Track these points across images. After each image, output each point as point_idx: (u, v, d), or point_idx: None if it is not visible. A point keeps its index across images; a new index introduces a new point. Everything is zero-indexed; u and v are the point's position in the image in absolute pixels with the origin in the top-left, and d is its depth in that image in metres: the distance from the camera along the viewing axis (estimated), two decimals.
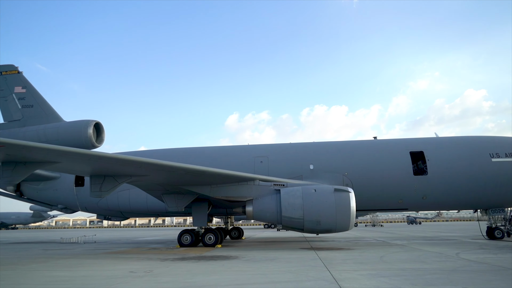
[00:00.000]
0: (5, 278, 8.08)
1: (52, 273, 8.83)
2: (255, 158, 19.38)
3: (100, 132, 22.13)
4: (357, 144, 19.90)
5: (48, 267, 9.99)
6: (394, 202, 18.62)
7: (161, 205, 19.23)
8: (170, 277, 7.85)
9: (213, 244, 16.39)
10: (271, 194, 15.22)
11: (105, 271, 8.90)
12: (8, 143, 9.53)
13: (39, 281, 7.52)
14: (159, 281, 7.37)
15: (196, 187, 15.50)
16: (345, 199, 14.42)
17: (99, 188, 13.58)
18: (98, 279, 7.67)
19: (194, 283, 7.04)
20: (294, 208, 14.38)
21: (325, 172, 18.57)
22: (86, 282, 7.28)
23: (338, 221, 14.28)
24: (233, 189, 15.53)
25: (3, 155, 10.66)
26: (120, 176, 13.56)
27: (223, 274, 8.23)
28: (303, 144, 20.86)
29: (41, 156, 10.76)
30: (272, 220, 15.04)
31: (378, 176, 18.18)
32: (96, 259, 11.98)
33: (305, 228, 14.55)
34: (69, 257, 12.77)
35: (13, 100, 23.75)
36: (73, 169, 12.73)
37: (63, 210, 22.04)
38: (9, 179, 11.44)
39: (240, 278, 7.60)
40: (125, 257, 12.30)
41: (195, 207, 17.08)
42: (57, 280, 7.61)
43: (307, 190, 14.71)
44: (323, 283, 6.78)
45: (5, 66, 24.29)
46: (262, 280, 7.30)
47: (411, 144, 19.05)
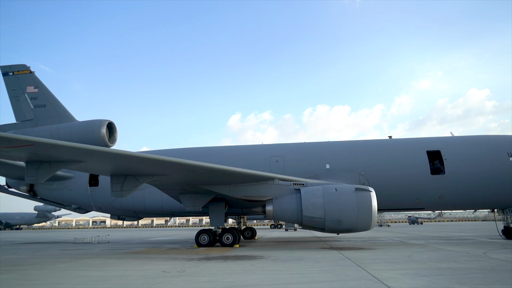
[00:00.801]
0: (39, 277, 8.00)
1: (84, 273, 8.74)
2: (270, 157, 19.27)
3: (112, 131, 22.08)
4: (373, 144, 19.78)
5: (77, 267, 9.90)
6: (411, 201, 18.50)
7: (176, 205, 19.17)
8: (206, 277, 7.75)
9: (231, 244, 16.30)
10: (291, 194, 15.13)
11: (138, 271, 8.81)
12: (37, 141, 9.45)
13: (76, 281, 7.43)
14: (198, 281, 7.27)
15: (215, 187, 15.40)
16: (366, 198, 14.32)
17: (120, 187, 13.48)
18: (135, 279, 7.58)
19: (233, 283, 6.95)
20: (315, 208, 14.27)
21: (341, 172, 18.46)
22: (125, 282, 7.19)
23: (359, 220, 14.17)
24: (252, 189, 15.43)
25: (29, 154, 10.59)
26: (142, 175, 13.47)
27: (259, 273, 8.14)
28: (318, 143, 20.76)
29: (67, 155, 10.67)
30: (292, 220, 14.94)
31: (395, 176, 18.07)
32: (120, 259, 11.89)
33: (326, 228, 14.44)
34: (91, 257, 12.69)
35: (26, 100, 23.70)
36: (96, 168, 12.66)
37: (77, 210, 21.96)
38: (34, 178, 11.36)
39: (279, 277, 7.51)
40: (149, 257, 12.21)
41: (212, 207, 17.00)
42: (94, 280, 7.52)
43: (328, 190, 14.61)
44: (368, 282, 6.68)
45: (17, 66, 24.25)
46: (303, 279, 7.20)
47: (428, 143, 18.92)
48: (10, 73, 24.10)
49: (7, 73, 24.15)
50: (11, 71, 24.13)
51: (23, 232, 69.14)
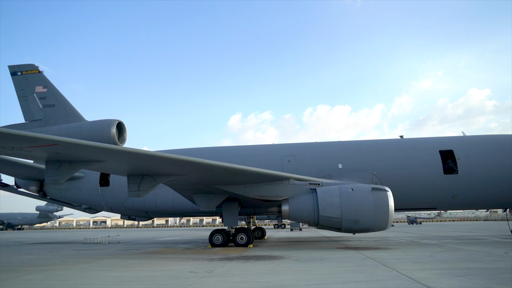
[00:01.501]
0: (68, 278, 7.94)
1: (113, 273, 8.68)
2: (282, 157, 19.22)
3: (122, 131, 22.03)
4: (385, 143, 19.74)
5: (101, 267, 9.84)
6: (423, 201, 18.46)
7: (187, 205, 19.12)
8: (237, 277, 7.70)
9: (245, 244, 16.26)
10: (307, 194, 15.08)
11: (166, 271, 8.75)
12: (62, 141, 9.38)
13: (109, 282, 7.37)
14: (232, 281, 7.22)
15: (230, 186, 15.34)
16: (383, 198, 14.28)
17: (137, 187, 13.44)
18: (167, 279, 7.53)
19: (268, 283, 6.90)
20: (332, 208, 14.23)
21: (354, 171, 18.41)
22: (159, 283, 7.13)
23: (376, 220, 14.13)
24: (268, 189, 15.38)
25: (51, 153, 10.52)
26: (159, 175, 13.41)
27: (289, 274, 8.10)
28: (331, 143, 20.72)
29: (90, 155, 10.61)
30: (308, 220, 14.87)
31: (407, 175, 18.03)
32: (141, 259, 11.84)
33: (343, 228, 14.39)
34: (110, 257, 12.62)
35: (34, 100, 23.63)
36: (114, 168, 12.58)
37: (87, 210, 21.90)
38: (54, 178, 11.29)
39: (312, 278, 7.46)
40: (170, 257, 12.16)
41: (226, 207, 16.94)
42: (126, 281, 7.46)
43: (344, 189, 14.57)
44: (406, 282, 6.63)
45: (26, 66, 24.17)
46: (337, 280, 7.16)
47: (440, 143, 18.90)
48: (19, 72, 24.03)
49: (15, 72, 24.08)
50: (19, 70, 24.06)
51: (26, 232, 68.91)
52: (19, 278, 7.98)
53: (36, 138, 9.08)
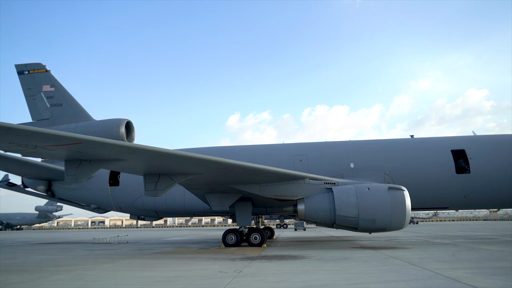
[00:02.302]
0: (97, 278, 7.83)
1: (140, 273, 8.58)
2: (294, 156, 19.15)
3: (130, 130, 21.92)
4: (397, 143, 19.72)
5: (124, 267, 9.75)
6: (435, 201, 18.44)
7: (198, 204, 19.02)
8: (271, 277, 7.62)
9: (259, 244, 16.17)
10: (322, 193, 15.02)
11: (194, 271, 8.66)
12: (87, 139, 9.26)
13: (141, 282, 7.27)
14: (267, 280, 7.15)
15: (246, 186, 15.25)
16: (400, 197, 14.25)
17: (154, 187, 13.30)
18: (199, 279, 7.43)
19: (306, 282, 6.83)
20: (349, 207, 14.17)
21: (366, 171, 18.37)
22: (193, 283, 7.04)
23: (393, 219, 14.09)
24: (283, 188, 15.31)
25: (71, 152, 10.40)
26: (176, 174, 13.29)
27: (322, 273, 8.02)
28: (342, 142, 20.69)
29: (112, 154, 10.49)
30: (324, 219, 14.78)
31: (420, 175, 18.00)
32: (161, 259, 11.74)
33: (360, 227, 14.34)
34: (128, 257, 12.51)
35: (42, 99, 23.45)
36: (133, 167, 12.44)
37: (96, 210, 21.74)
38: (74, 178, 11.17)
39: (350, 277, 7.37)
40: (189, 257, 12.06)
41: (239, 206, 16.84)
42: (159, 281, 7.36)
43: (361, 189, 14.52)
44: (446, 282, 6.58)
45: (33, 65, 23.99)
46: (376, 279, 7.09)
47: (452, 142, 18.89)
48: (26, 71, 23.85)
49: (22, 71, 23.89)
50: (26, 69, 23.87)
51: (26, 232, 68.29)
52: (47, 278, 7.86)
53: (62, 136, 8.95)
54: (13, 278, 7.94)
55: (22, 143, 9.24)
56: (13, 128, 8.40)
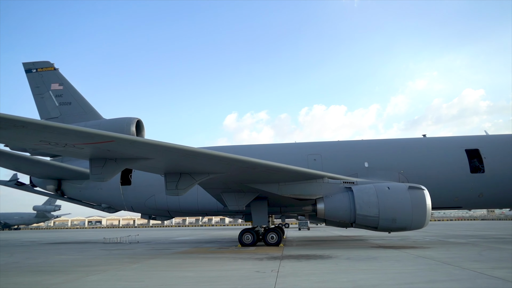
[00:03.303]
0: (137, 279, 7.73)
1: (176, 273, 8.47)
2: (308, 156, 19.11)
3: (140, 129, 21.78)
4: (411, 142, 19.73)
5: (154, 267, 9.63)
6: (449, 200, 18.48)
7: (211, 204, 18.94)
8: (314, 276, 7.57)
9: (276, 244, 16.11)
10: (342, 192, 14.99)
11: (229, 271, 8.56)
12: (118, 137, 9.12)
13: (183, 282, 7.17)
14: (312, 280, 7.09)
15: (264, 185, 15.16)
16: (421, 196, 14.25)
17: (175, 186, 13.20)
18: (240, 280, 7.33)
19: (354, 282, 6.80)
20: (370, 206, 14.15)
21: (380, 170, 18.38)
22: (237, 283, 6.95)
23: (414, 219, 14.09)
24: (302, 187, 15.25)
25: (100, 150, 10.25)
26: (198, 173, 13.19)
27: (365, 273, 7.94)
28: (356, 142, 20.68)
29: (141, 152, 10.35)
30: (345, 218, 14.74)
31: (434, 174, 18.03)
32: (186, 259, 11.63)
33: (380, 226, 14.32)
34: (151, 257, 12.35)
35: (50, 98, 23.23)
36: (156, 166, 12.28)
37: (106, 210, 21.55)
38: (100, 176, 11.03)
39: (395, 277, 7.31)
40: (214, 257, 11.95)
41: (255, 206, 16.75)
42: (202, 281, 7.27)
43: (381, 188, 14.50)
44: (495, 281, 6.55)
45: (41, 63, 23.75)
46: (421, 279, 7.03)
47: (465, 142, 18.95)
48: (34, 70, 23.61)
49: (30, 70, 23.65)
50: (34, 68, 23.63)
51: (26, 232, 67.47)
52: (85, 279, 7.73)
53: (94, 134, 8.80)
54: (50, 279, 7.81)
55: (53, 141, 9.09)
56: (49, 126, 8.25)
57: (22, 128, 7.88)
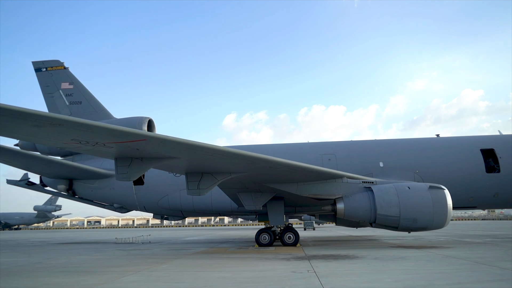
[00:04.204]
0: (176, 279, 7.61)
1: (210, 274, 8.35)
2: (322, 155, 19.04)
3: (151, 129, 21.67)
4: (426, 142, 19.70)
5: (184, 267, 9.53)
6: (465, 200, 18.43)
7: (225, 204, 18.85)
8: (355, 276, 7.48)
9: (293, 243, 16.02)
10: (361, 192, 14.90)
11: (265, 272, 8.46)
12: (150, 136, 9.00)
13: (224, 283, 7.06)
14: (356, 280, 6.99)
15: (283, 185, 15.05)
16: (441, 196, 14.19)
17: (196, 186, 13.09)
18: (281, 280, 7.22)
19: (402, 282, 6.73)
20: (390, 206, 14.07)
21: (395, 170, 18.33)
22: (278, 283, 6.84)
23: (435, 218, 14.02)
24: (321, 187, 15.14)
25: (126, 149, 10.12)
26: (220, 173, 13.08)
27: (406, 273, 7.83)
28: (370, 141, 20.63)
29: (168, 151, 10.21)
30: (365, 218, 14.65)
31: (450, 174, 17.99)
32: (211, 259, 11.53)
33: (400, 226, 14.23)
34: (173, 257, 12.21)
35: (60, 97, 23.05)
36: (180, 165, 12.14)
37: (118, 210, 21.39)
38: (126, 176, 10.89)
39: (440, 277, 7.20)
40: (238, 257, 11.85)
41: (271, 206, 16.63)
42: (243, 281, 7.16)
43: (401, 188, 14.42)
44: None
45: (50, 62, 23.57)
46: (469, 279, 6.95)
47: (481, 142, 18.94)
48: (43, 69, 23.43)
49: (40, 69, 23.47)
50: (44, 67, 23.45)
51: (27, 232, 66.83)
52: (121, 280, 7.58)
53: (128, 133, 8.67)
54: (87, 280, 7.68)
55: (84, 140, 8.95)
56: (85, 124, 8.12)
57: (58, 126, 7.76)
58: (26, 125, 7.62)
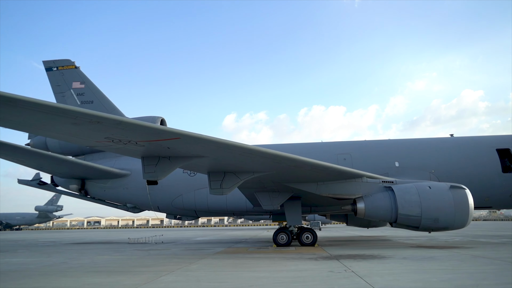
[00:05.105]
0: (216, 279, 7.53)
1: (246, 274, 8.27)
2: (337, 155, 18.99)
3: None
4: (442, 142, 19.69)
5: (216, 267, 9.44)
6: (480, 200, 18.31)
7: (241, 203, 18.79)
8: (401, 276, 7.41)
9: (312, 243, 15.99)
10: (382, 192, 14.84)
11: (303, 271, 8.38)
12: (184, 134, 8.88)
13: (267, 282, 6.98)
14: (403, 280, 6.92)
15: (302, 184, 14.99)
16: (463, 196, 14.14)
17: (219, 185, 13.03)
18: (324, 280, 7.15)
19: (450, 281, 6.65)
20: (412, 206, 14.01)
21: (411, 169, 18.32)
22: (323, 283, 6.77)
23: (456, 218, 13.97)
24: (341, 186, 15.08)
25: (152, 148, 10.01)
26: (243, 172, 13.00)
27: (445, 273, 7.79)
28: (385, 141, 20.60)
29: (199, 150, 10.10)
30: (385, 218, 14.59)
31: (466, 174, 17.97)
32: (236, 259, 11.42)
33: (421, 226, 14.17)
34: (196, 258, 12.12)
35: (71, 96, 22.92)
36: (205, 165, 12.04)
37: (131, 210, 21.27)
38: (153, 175, 10.82)
39: (486, 277, 7.14)
40: (265, 257, 11.77)
41: (289, 205, 16.57)
42: (284, 281, 7.08)
43: (422, 187, 14.37)
44: None
45: (61, 61, 23.46)
46: None
47: (496, 141, 18.94)
48: (54, 68, 23.31)
49: (50, 68, 23.35)
50: (54, 66, 23.34)
51: (29, 232, 66.46)
52: (159, 280, 7.49)
53: (163, 131, 8.58)
54: (124, 280, 7.59)
55: (118, 138, 8.85)
56: (123, 122, 8.02)
57: (97, 124, 7.66)
58: (64, 123, 7.52)
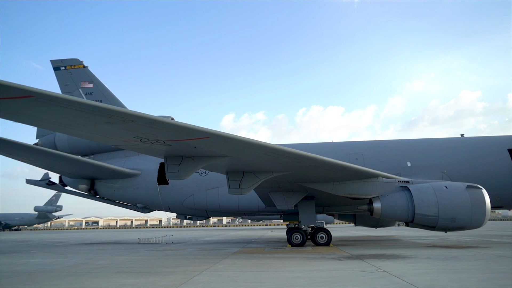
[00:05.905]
0: (250, 279, 7.48)
1: (280, 274, 8.23)
2: (349, 155, 18.97)
3: None
4: (453, 141, 19.74)
5: (238, 267, 9.38)
6: (492, 199, 18.14)
7: (252, 203, 18.78)
8: (434, 275, 7.38)
9: (326, 243, 15.97)
10: (398, 191, 14.83)
11: (335, 271, 8.34)
12: (213, 133, 8.82)
13: (303, 282, 6.95)
14: (445, 279, 6.90)
15: (318, 184, 14.97)
16: (480, 195, 14.18)
17: (238, 185, 12.99)
18: (359, 280, 7.12)
19: (488, 281, 6.63)
20: (429, 205, 14.01)
21: (423, 169, 18.35)
22: (360, 283, 6.74)
23: (473, 218, 14.00)
24: (357, 186, 15.07)
25: (178, 147, 9.95)
26: (262, 172, 12.98)
27: (479, 273, 7.78)
28: (397, 141, 20.61)
29: (225, 150, 10.05)
30: (402, 217, 14.59)
31: (477, 174, 18.00)
32: (259, 259, 11.37)
33: (438, 226, 14.18)
34: (217, 258, 12.07)
35: (80, 96, 22.78)
36: (223, 164, 11.98)
37: (141, 210, 21.16)
38: (176, 174, 10.75)
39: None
40: (285, 257, 11.74)
41: (303, 205, 16.57)
42: (319, 282, 7.05)
43: (439, 187, 14.38)
44: None
45: (69, 60, 23.34)
46: None
47: (508, 141, 18.99)
48: (62, 67, 23.20)
49: (58, 67, 23.23)
50: (63, 65, 23.22)
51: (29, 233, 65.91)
52: (193, 280, 7.44)
53: (193, 130, 8.51)
54: (159, 281, 7.52)
55: (146, 137, 8.78)
56: (156, 121, 7.96)
57: (130, 122, 7.59)
58: (98, 122, 7.45)
